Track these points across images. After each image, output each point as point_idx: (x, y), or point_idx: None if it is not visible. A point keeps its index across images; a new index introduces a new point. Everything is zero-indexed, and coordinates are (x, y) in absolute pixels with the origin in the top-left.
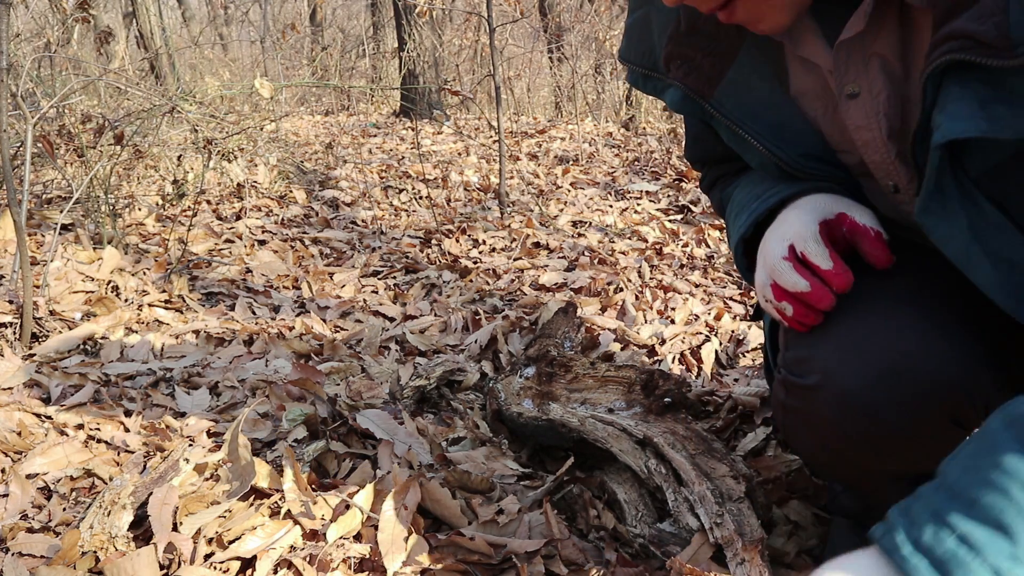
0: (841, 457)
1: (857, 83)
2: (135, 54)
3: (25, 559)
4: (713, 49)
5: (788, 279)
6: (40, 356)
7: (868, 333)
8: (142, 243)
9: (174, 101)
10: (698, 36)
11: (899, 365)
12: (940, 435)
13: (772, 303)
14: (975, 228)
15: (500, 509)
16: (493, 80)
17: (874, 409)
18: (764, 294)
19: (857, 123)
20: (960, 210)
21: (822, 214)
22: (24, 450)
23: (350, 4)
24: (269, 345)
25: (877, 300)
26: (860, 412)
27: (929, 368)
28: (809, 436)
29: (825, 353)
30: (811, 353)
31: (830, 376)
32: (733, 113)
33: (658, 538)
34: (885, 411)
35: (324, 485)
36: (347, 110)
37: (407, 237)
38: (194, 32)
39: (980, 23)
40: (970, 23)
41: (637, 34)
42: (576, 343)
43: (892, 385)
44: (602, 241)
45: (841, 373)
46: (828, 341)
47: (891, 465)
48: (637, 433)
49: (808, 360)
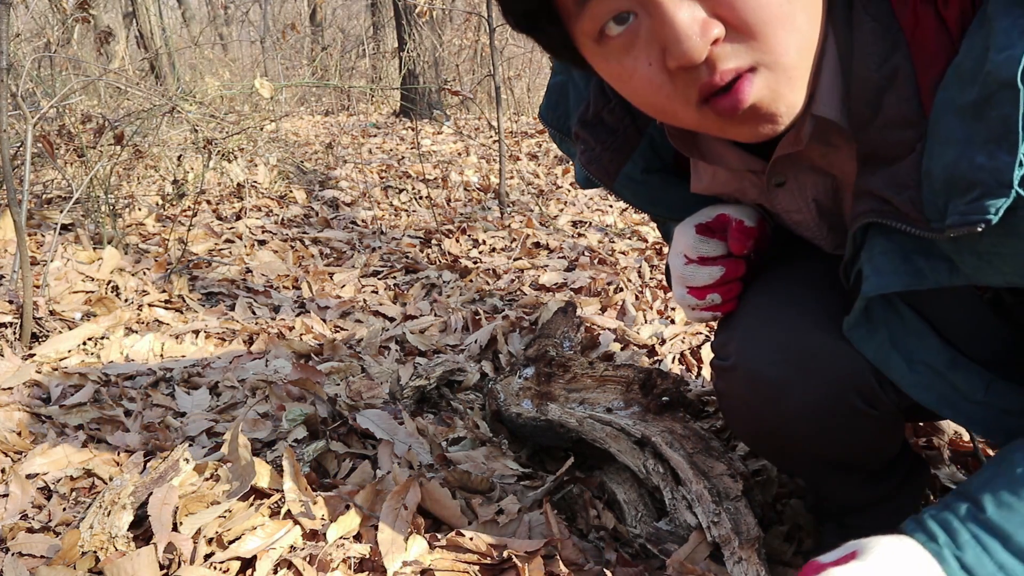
0: (764, 439)
1: (783, 174)
2: (135, 54)
3: (25, 559)
4: (611, 144)
5: (701, 276)
6: (40, 356)
7: (773, 313)
8: (142, 243)
9: (174, 101)
10: (600, 128)
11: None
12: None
13: (698, 307)
14: (895, 337)
15: (500, 509)
16: (493, 80)
17: (779, 386)
18: (687, 303)
19: (787, 207)
20: (883, 326)
21: (700, 219)
22: (24, 450)
23: (350, 4)
24: (269, 345)
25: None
26: (768, 389)
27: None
28: (736, 419)
29: (738, 335)
30: (729, 336)
31: (742, 356)
32: (632, 200)
33: (655, 536)
34: (791, 387)
35: (324, 485)
36: (347, 110)
37: (407, 237)
38: (194, 32)
39: (897, 192)
40: (888, 189)
41: (555, 98)
42: (576, 343)
43: (797, 365)
44: (602, 241)
45: (749, 352)
46: (740, 324)
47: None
48: (635, 433)
49: (727, 343)
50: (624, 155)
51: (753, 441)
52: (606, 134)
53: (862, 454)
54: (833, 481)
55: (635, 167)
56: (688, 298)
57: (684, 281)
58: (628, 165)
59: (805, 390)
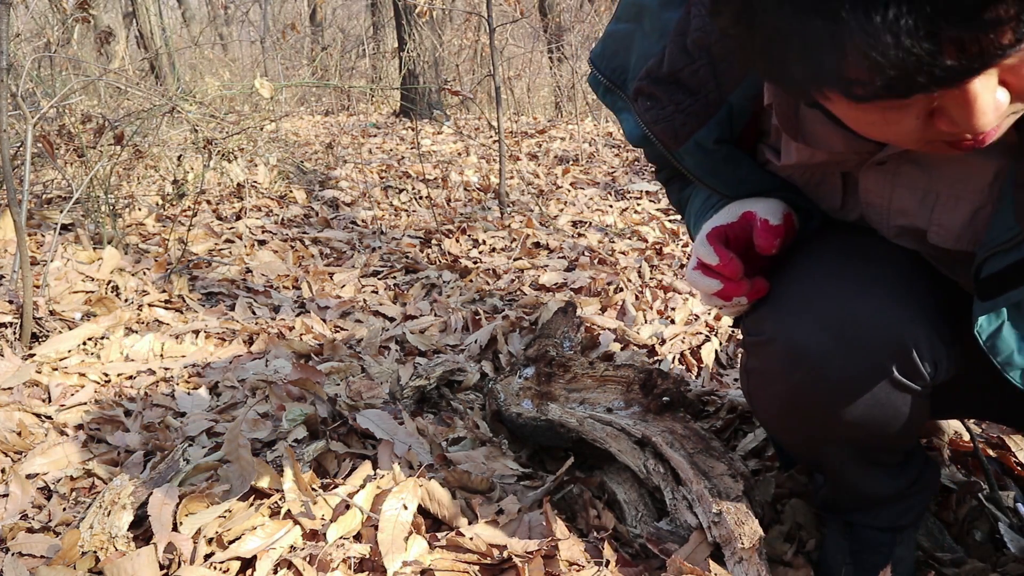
0: (796, 418)
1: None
2: (135, 54)
3: (25, 559)
4: (688, 106)
5: (702, 284)
6: (40, 356)
7: (818, 290)
8: (142, 243)
9: (174, 101)
10: (676, 87)
11: (845, 316)
12: (889, 389)
13: (715, 303)
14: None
15: (500, 509)
16: (493, 80)
17: (820, 358)
18: (708, 304)
19: (871, 187)
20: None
21: (724, 219)
22: (24, 450)
23: (350, 4)
24: (269, 345)
25: (820, 258)
26: (807, 361)
27: (871, 316)
28: (768, 398)
29: (778, 309)
30: (767, 311)
31: (781, 328)
32: (692, 169)
33: (656, 536)
34: (831, 358)
35: (324, 485)
36: (347, 110)
37: (407, 237)
38: (194, 32)
39: None
40: None
41: (614, 46)
42: (576, 343)
43: (837, 335)
44: (602, 241)
45: (791, 324)
46: (781, 299)
47: (839, 427)
48: (636, 433)
49: (764, 319)
50: (700, 120)
51: (783, 422)
52: (683, 95)
53: (891, 436)
54: (856, 471)
55: (709, 135)
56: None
57: (693, 285)
58: (703, 131)
59: (845, 362)
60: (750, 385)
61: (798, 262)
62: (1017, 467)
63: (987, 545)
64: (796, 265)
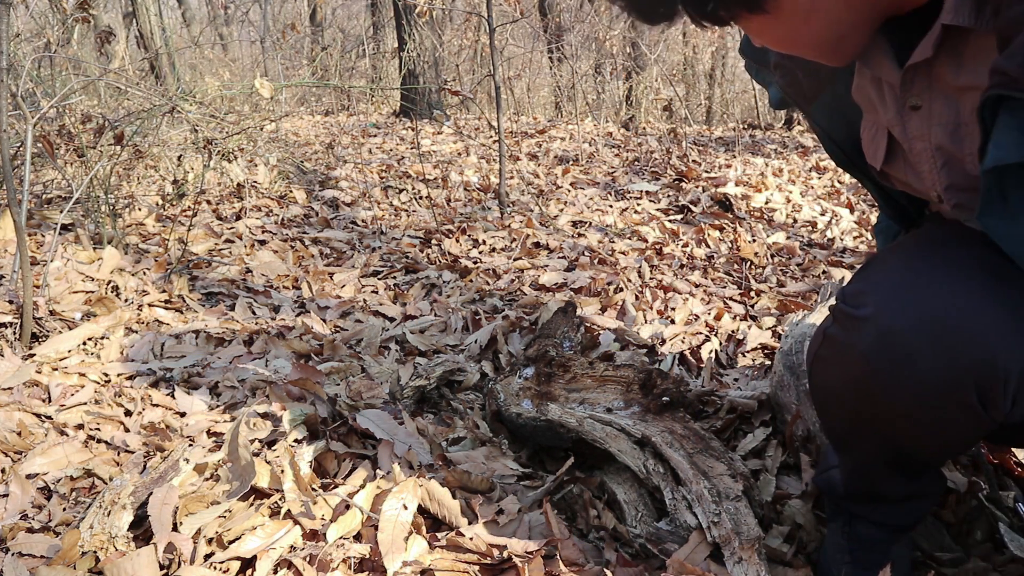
0: (854, 401)
1: (919, 97)
2: (135, 54)
3: (25, 559)
4: (813, 70)
5: None
6: (40, 356)
7: (928, 281)
8: (142, 243)
9: (174, 101)
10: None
11: (948, 317)
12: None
13: None
14: None
15: (500, 509)
16: (493, 80)
17: (909, 352)
18: None
19: (915, 132)
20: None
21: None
22: (24, 450)
23: (350, 4)
24: (269, 345)
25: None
26: (896, 351)
27: (974, 329)
28: (836, 368)
29: (883, 289)
30: (870, 287)
31: (881, 310)
32: (824, 122)
33: (656, 536)
34: (919, 356)
35: (324, 485)
36: (347, 110)
37: (407, 237)
38: (194, 32)
39: (1011, 61)
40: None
41: None
42: (576, 343)
43: (935, 334)
44: (602, 241)
45: (892, 309)
46: (889, 280)
47: (892, 424)
48: (635, 433)
49: (865, 293)
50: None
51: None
52: (806, 61)
53: (936, 449)
54: (882, 470)
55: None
56: None
57: None
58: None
59: (931, 368)
60: (821, 353)
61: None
62: (1017, 467)
63: (987, 545)
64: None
